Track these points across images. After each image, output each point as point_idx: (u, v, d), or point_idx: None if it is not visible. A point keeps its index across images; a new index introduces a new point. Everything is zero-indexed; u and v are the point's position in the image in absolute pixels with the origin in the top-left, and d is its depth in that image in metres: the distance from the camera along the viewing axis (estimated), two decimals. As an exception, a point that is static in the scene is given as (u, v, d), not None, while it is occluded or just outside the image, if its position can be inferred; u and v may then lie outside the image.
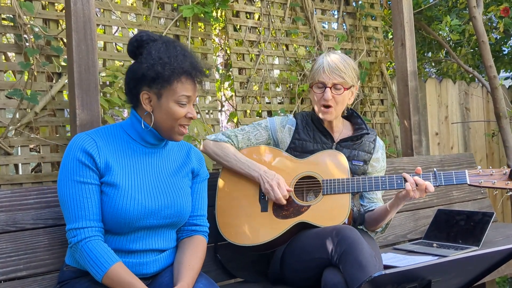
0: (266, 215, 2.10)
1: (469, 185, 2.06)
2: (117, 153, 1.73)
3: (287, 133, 2.25)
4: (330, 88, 2.12)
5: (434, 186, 2.03)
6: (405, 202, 2.09)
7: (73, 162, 1.67)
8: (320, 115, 2.18)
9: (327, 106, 2.15)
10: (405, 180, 2.04)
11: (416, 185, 2.02)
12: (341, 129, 2.27)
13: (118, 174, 1.70)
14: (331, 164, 2.12)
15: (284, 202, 2.07)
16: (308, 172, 2.14)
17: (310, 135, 2.23)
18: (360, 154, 2.22)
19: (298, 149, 2.21)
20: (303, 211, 2.07)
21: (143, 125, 1.74)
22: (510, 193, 2.08)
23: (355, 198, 2.19)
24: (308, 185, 2.15)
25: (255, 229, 2.09)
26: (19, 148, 2.60)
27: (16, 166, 2.69)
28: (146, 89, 1.70)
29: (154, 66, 1.67)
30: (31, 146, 2.65)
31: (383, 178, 2.08)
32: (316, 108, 2.19)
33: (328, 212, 2.04)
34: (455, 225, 2.74)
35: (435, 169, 2.10)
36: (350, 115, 2.32)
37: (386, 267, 2.21)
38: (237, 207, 2.15)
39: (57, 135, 2.70)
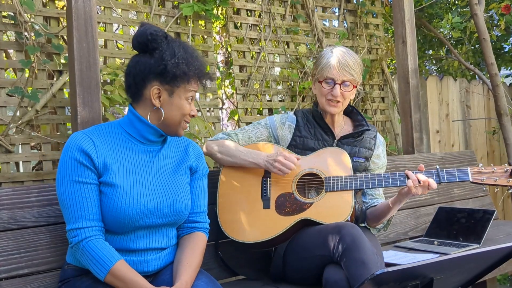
0: (269, 212, 2.10)
1: (472, 182, 2.07)
2: (115, 151, 1.72)
3: (287, 130, 2.25)
4: (340, 84, 2.12)
5: (436, 183, 2.04)
6: (407, 199, 2.10)
7: (70, 162, 1.66)
8: (327, 107, 2.18)
9: (336, 101, 2.15)
10: (408, 177, 2.04)
11: (419, 182, 2.02)
12: (342, 125, 2.28)
13: (116, 174, 1.69)
14: (334, 162, 2.12)
15: (296, 162, 2.05)
16: (310, 169, 2.14)
17: (311, 132, 2.23)
18: (361, 150, 2.23)
19: (299, 146, 2.21)
20: (306, 208, 2.07)
21: (137, 116, 1.74)
22: (511, 190, 2.09)
23: (357, 195, 2.19)
24: (310, 182, 2.15)
25: (257, 226, 2.09)
26: (20, 146, 2.60)
27: (17, 164, 2.69)
28: (158, 84, 1.71)
29: (179, 65, 1.70)
30: (32, 144, 2.64)
31: (386, 176, 2.08)
32: (322, 101, 2.19)
33: (331, 209, 2.05)
34: (456, 223, 2.74)
35: (437, 167, 2.11)
36: (350, 112, 2.32)
37: (387, 264, 2.21)
38: (239, 204, 2.14)
39: (58, 133, 2.69)
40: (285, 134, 2.25)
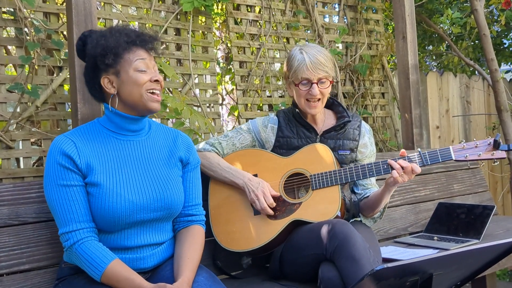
0: (260, 218, 2.10)
1: (455, 160, 2.05)
2: (98, 150, 1.71)
3: (270, 132, 2.25)
4: (317, 83, 2.12)
5: (420, 166, 2.02)
6: (396, 187, 2.08)
7: (54, 166, 1.66)
8: (307, 109, 2.17)
9: (315, 100, 2.14)
10: (391, 168, 2.03)
11: (403, 168, 2.01)
12: (324, 120, 2.26)
13: (101, 173, 1.67)
14: (316, 158, 2.11)
15: (271, 212, 2.06)
16: (295, 169, 2.13)
17: (293, 131, 2.22)
18: (345, 143, 2.21)
19: (283, 146, 2.21)
20: (295, 208, 2.07)
21: (110, 109, 1.73)
22: (497, 162, 2.05)
23: (345, 188, 2.18)
24: (298, 182, 2.14)
25: (250, 233, 2.09)
26: (21, 142, 2.60)
27: (17, 160, 2.69)
28: (104, 74, 1.72)
29: (98, 42, 1.70)
30: (32, 140, 2.65)
31: (370, 166, 2.08)
32: (301, 102, 2.18)
33: (320, 207, 2.04)
34: (456, 218, 2.74)
35: (419, 149, 2.08)
36: (331, 104, 2.30)
37: (387, 260, 2.22)
38: (231, 214, 2.14)
39: (58, 129, 2.70)
40: (269, 136, 2.25)
